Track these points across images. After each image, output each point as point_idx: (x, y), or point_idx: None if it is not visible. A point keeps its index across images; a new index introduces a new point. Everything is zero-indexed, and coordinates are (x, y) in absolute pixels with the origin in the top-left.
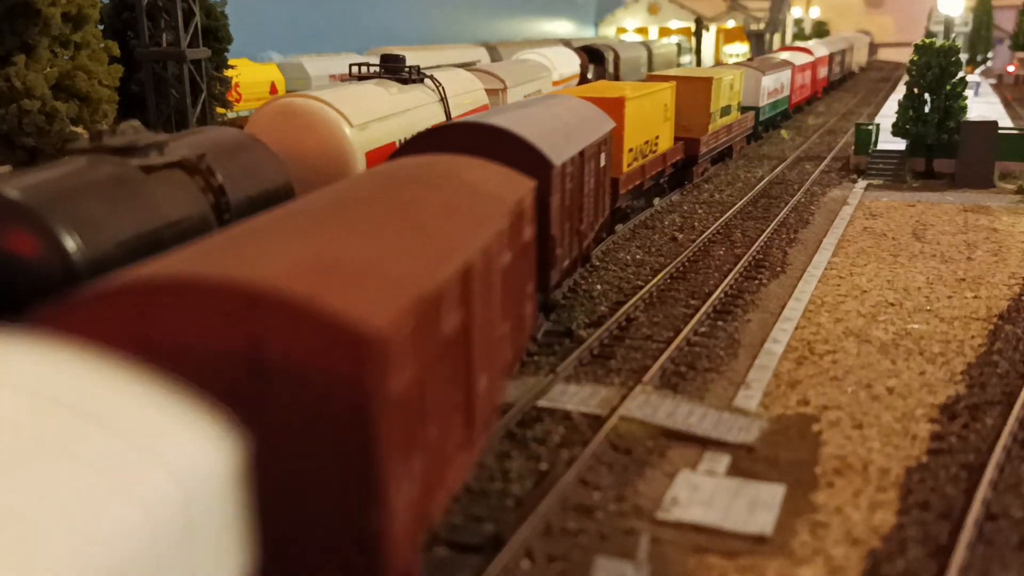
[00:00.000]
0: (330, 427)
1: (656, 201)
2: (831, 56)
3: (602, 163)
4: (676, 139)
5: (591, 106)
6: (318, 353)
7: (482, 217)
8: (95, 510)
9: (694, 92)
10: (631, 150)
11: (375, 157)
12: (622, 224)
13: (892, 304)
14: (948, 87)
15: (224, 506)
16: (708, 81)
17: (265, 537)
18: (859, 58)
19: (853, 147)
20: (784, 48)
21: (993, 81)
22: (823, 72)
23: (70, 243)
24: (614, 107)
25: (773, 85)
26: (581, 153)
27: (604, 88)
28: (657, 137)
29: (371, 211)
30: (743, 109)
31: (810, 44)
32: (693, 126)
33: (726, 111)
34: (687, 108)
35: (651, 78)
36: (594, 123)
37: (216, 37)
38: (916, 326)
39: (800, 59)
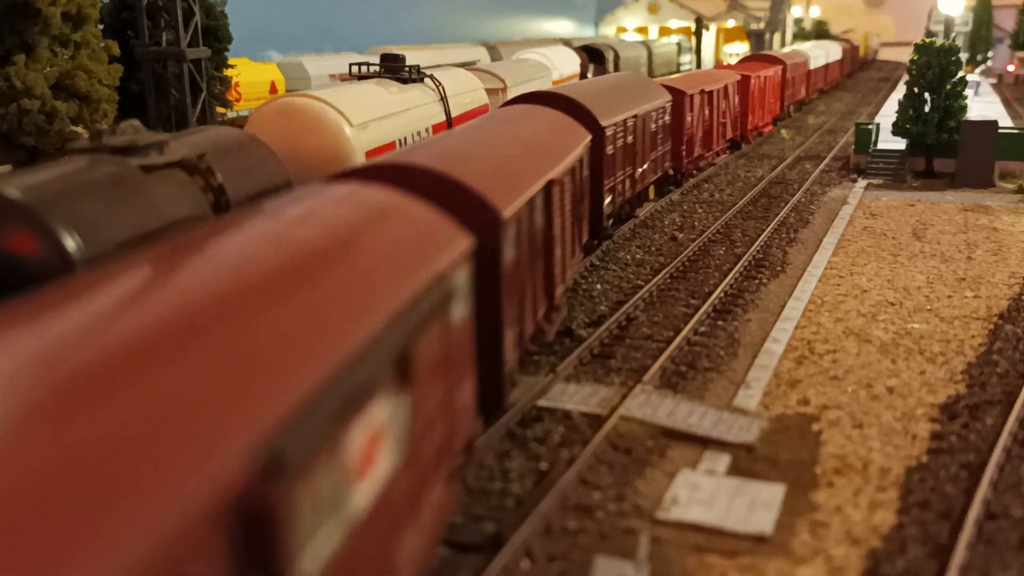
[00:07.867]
0: None
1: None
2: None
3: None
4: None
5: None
6: None
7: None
8: None
9: (864, 41)
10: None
11: (375, 157)
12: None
13: (892, 304)
14: (948, 86)
15: None
16: (866, 37)
17: None
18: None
19: (853, 146)
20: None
21: (993, 81)
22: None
23: (70, 243)
24: (863, 40)
25: (873, 44)
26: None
27: (854, 35)
28: (861, 52)
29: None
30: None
31: (870, 31)
32: (864, 52)
33: (867, 50)
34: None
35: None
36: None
37: (216, 37)
38: (916, 326)
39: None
